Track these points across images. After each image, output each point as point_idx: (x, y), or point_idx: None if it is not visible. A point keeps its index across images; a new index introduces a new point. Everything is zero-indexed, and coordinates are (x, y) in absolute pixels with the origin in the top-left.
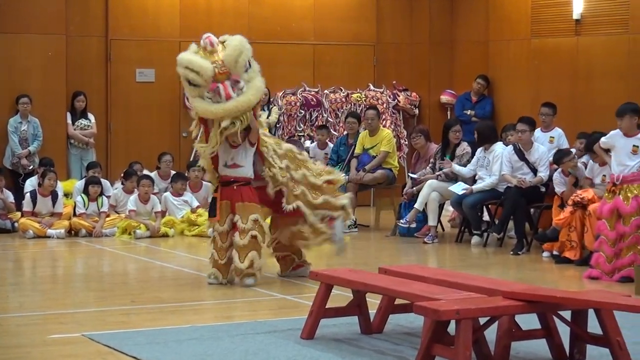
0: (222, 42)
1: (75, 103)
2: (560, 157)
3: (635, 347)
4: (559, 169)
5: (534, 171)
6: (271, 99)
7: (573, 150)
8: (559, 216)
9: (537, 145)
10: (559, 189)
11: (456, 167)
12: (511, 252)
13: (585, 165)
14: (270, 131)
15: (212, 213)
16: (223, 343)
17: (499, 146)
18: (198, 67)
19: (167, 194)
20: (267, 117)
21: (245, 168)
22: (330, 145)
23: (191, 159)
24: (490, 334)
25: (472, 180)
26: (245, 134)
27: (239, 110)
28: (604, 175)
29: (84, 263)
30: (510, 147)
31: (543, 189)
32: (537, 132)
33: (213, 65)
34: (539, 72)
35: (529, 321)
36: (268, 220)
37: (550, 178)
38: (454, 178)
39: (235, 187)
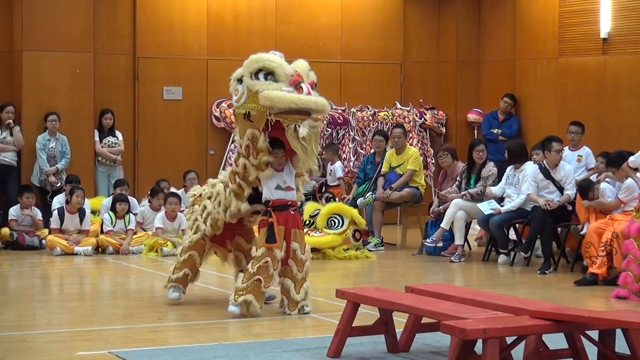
0: None
1: (103, 120)
2: (586, 190)
3: None
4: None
5: (560, 189)
6: None
7: (593, 177)
8: (596, 269)
9: (562, 163)
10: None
11: (492, 190)
12: (538, 272)
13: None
14: None
15: (271, 239)
16: None
17: (529, 165)
18: (278, 62)
19: None
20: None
21: (295, 191)
22: (338, 162)
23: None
24: (517, 354)
25: (501, 199)
26: (287, 154)
27: (322, 110)
28: None
29: (111, 280)
30: (536, 166)
31: (570, 208)
32: (565, 150)
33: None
34: (566, 91)
35: (556, 341)
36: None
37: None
38: (479, 198)
39: (292, 212)
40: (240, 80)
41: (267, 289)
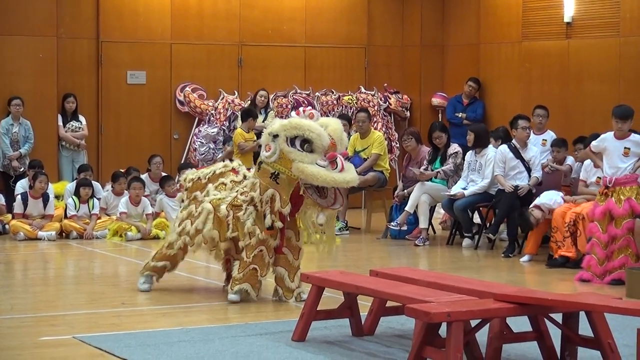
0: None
1: (65, 104)
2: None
3: (626, 349)
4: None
5: (529, 170)
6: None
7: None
8: (563, 250)
9: (530, 145)
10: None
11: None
12: (502, 255)
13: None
14: None
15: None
16: (214, 345)
17: (490, 150)
18: (318, 132)
19: (162, 195)
20: (264, 121)
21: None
22: None
23: (182, 161)
24: (482, 337)
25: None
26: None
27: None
28: (599, 177)
29: (75, 265)
30: (505, 146)
31: (534, 191)
32: (530, 134)
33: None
34: (530, 75)
35: (520, 323)
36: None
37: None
38: (451, 176)
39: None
40: (275, 136)
41: (265, 277)
